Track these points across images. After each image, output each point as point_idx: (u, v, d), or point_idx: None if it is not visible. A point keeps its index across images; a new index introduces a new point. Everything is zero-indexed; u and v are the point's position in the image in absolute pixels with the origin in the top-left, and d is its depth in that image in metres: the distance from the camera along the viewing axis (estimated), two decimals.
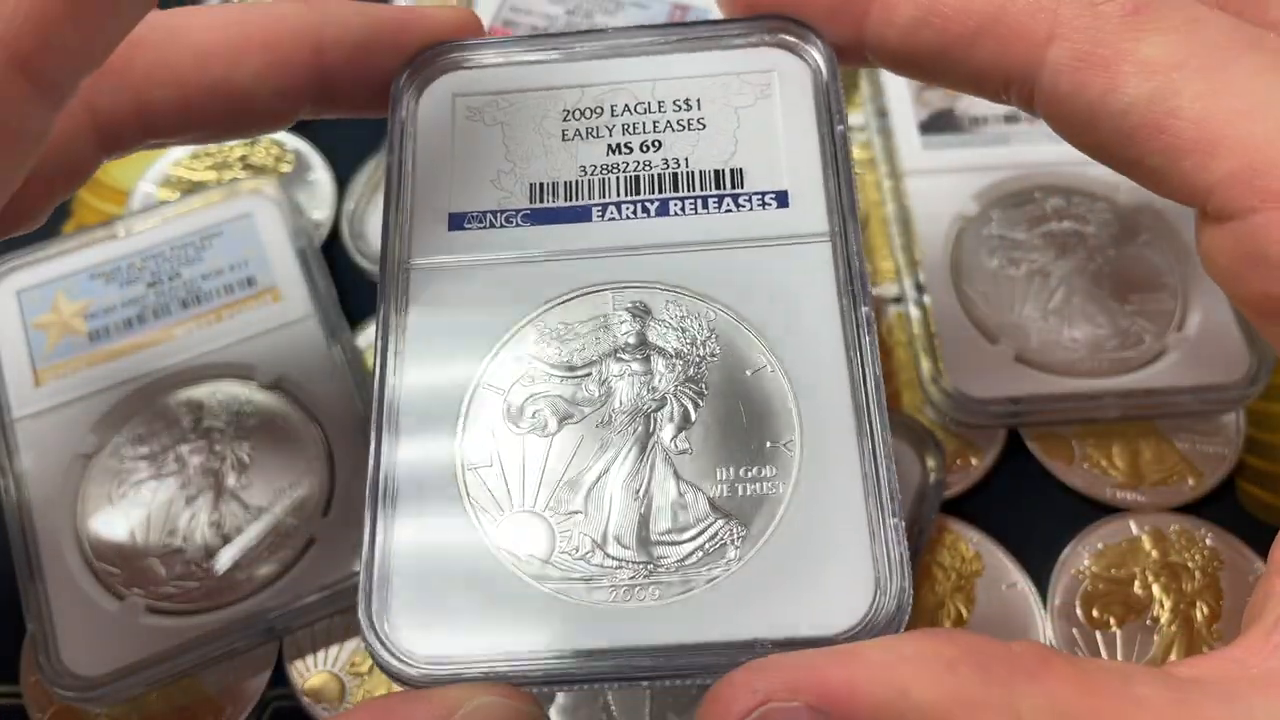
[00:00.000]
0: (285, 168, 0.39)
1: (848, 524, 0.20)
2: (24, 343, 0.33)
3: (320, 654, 0.31)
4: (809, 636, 0.19)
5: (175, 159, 0.39)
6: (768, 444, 0.21)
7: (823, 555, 0.20)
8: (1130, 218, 0.36)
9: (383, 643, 0.19)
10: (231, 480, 0.32)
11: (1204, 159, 0.20)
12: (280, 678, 0.31)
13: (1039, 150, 0.37)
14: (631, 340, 0.22)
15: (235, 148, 0.40)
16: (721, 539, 0.20)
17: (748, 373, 0.21)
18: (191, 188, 0.39)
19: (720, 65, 0.24)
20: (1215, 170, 0.20)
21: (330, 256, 0.37)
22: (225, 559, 0.30)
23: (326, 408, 0.33)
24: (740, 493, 0.20)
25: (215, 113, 0.25)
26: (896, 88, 0.38)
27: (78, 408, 0.32)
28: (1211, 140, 0.20)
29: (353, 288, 0.36)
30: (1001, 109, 0.38)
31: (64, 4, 0.18)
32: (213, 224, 0.35)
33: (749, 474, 0.21)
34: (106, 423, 0.32)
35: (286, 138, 0.40)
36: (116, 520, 0.31)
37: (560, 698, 0.29)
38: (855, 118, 0.40)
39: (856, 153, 0.39)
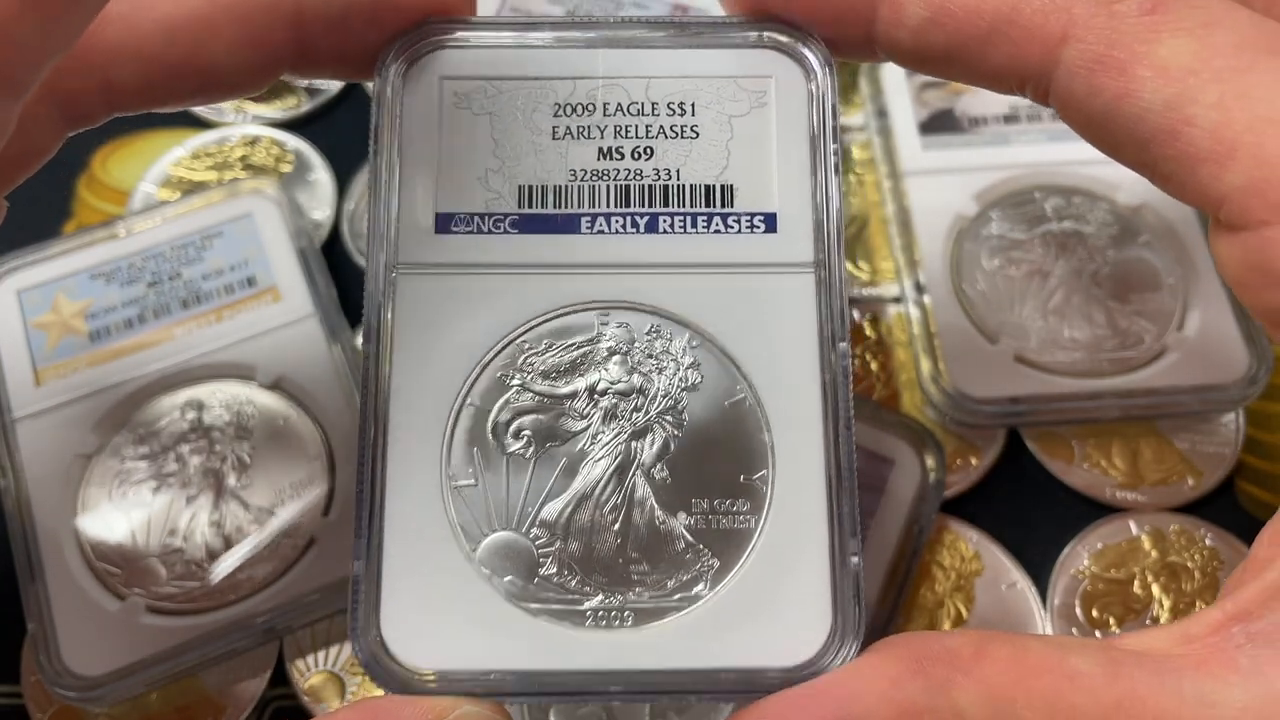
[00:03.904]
0: (285, 168, 0.39)
1: (811, 562, 0.21)
2: (24, 343, 0.33)
3: (320, 654, 0.31)
4: (769, 667, 0.20)
5: (175, 159, 0.39)
6: (741, 477, 0.21)
7: (787, 590, 0.21)
8: (1130, 218, 0.36)
9: (372, 650, 0.20)
10: (232, 480, 0.32)
11: (1218, 168, 0.20)
12: (280, 678, 0.31)
13: (1039, 150, 0.37)
14: (615, 365, 0.22)
15: (235, 147, 0.40)
16: (695, 571, 0.21)
17: (726, 403, 0.22)
18: (192, 188, 0.39)
19: (717, 66, 0.23)
20: (1229, 180, 0.20)
21: (330, 256, 0.37)
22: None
23: (326, 408, 0.33)
24: (714, 525, 0.21)
25: (185, 87, 0.24)
26: (896, 88, 0.38)
27: (78, 408, 0.32)
28: (1227, 149, 0.20)
29: (353, 288, 0.36)
30: (1001, 109, 0.38)
31: (19, 2, 0.17)
32: (213, 224, 0.35)
33: (723, 506, 0.21)
34: (106, 423, 0.32)
35: (287, 138, 0.40)
36: (117, 520, 0.31)
37: None
38: (855, 118, 0.40)
39: (856, 153, 0.39)
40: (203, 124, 0.40)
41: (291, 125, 0.40)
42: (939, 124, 0.38)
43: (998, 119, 0.38)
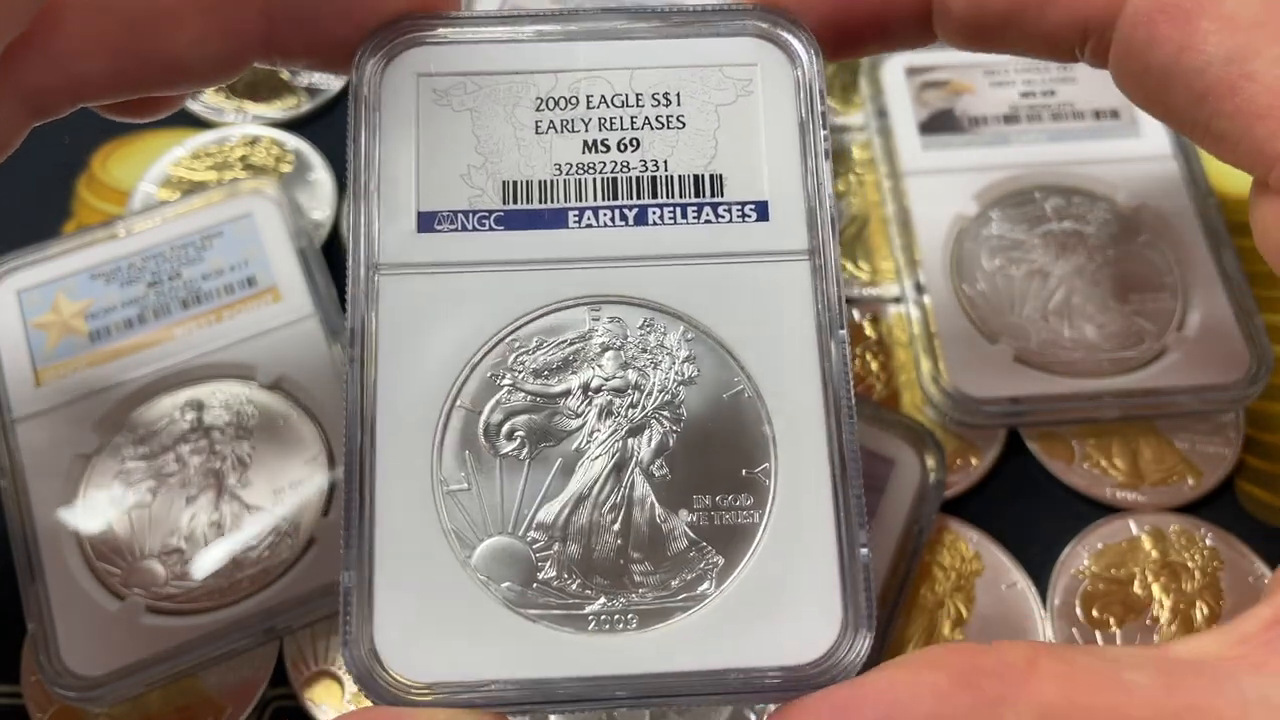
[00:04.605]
0: (285, 168, 0.39)
1: (819, 556, 0.20)
2: (24, 343, 0.33)
3: (320, 654, 0.31)
4: (780, 666, 0.19)
5: (175, 159, 0.39)
6: (743, 471, 0.21)
7: (794, 587, 0.20)
8: (1130, 218, 0.36)
9: (365, 662, 0.19)
10: (232, 480, 0.32)
11: (1275, 125, 0.19)
12: (280, 678, 0.31)
13: (1039, 150, 0.37)
14: (609, 362, 0.21)
15: (235, 147, 0.40)
16: (699, 570, 0.20)
17: (725, 396, 0.21)
18: (192, 188, 0.39)
19: (700, 55, 0.23)
20: None
21: (330, 256, 0.37)
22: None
23: (326, 408, 0.33)
24: (717, 521, 0.20)
25: (152, 78, 0.23)
26: (896, 87, 0.38)
27: (78, 408, 0.32)
28: None
29: None
30: (1001, 109, 0.38)
31: None
32: (213, 224, 0.35)
33: (726, 502, 0.21)
34: (106, 423, 0.32)
35: (287, 137, 0.40)
36: (117, 520, 0.31)
37: None
38: (855, 118, 0.40)
39: (856, 153, 0.39)
40: (203, 124, 0.40)
41: (291, 125, 0.40)
42: (939, 124, 0.38)
43: (998, 119, 0.37)
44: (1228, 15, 0.20)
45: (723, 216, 0.22)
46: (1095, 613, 0.31)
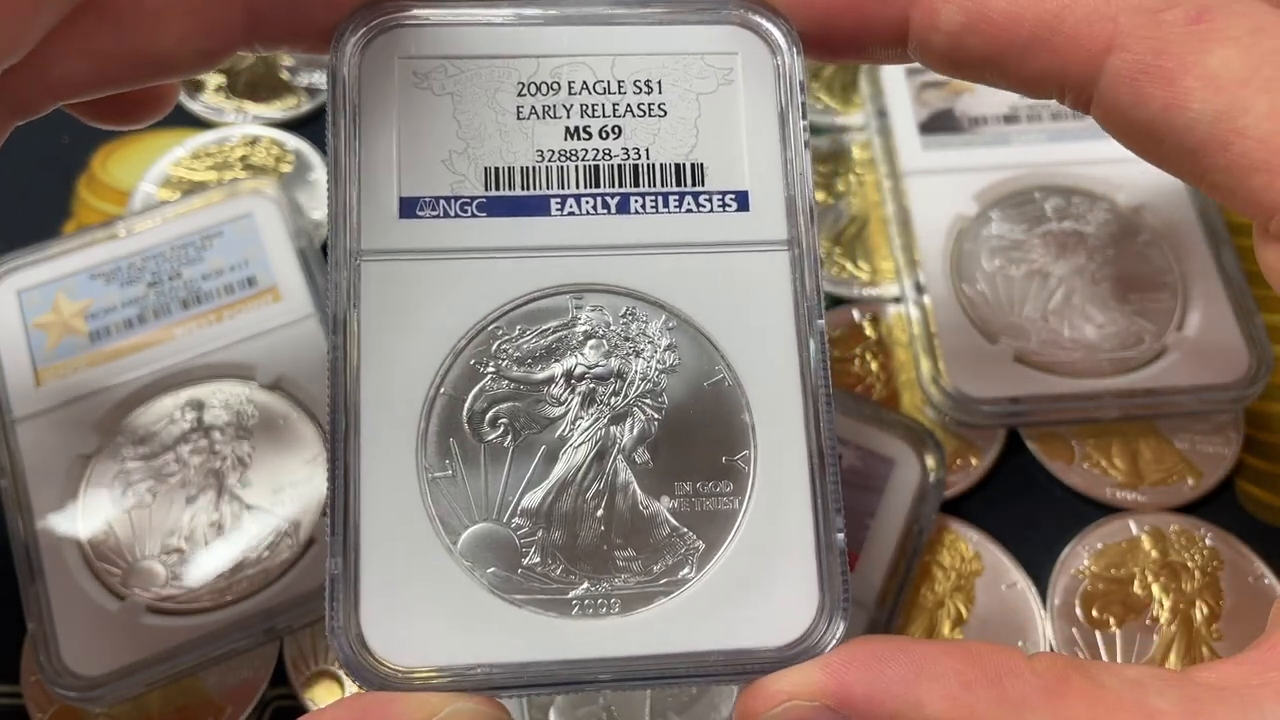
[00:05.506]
0: (285, 168, 0.39)
1: (796, 541, 0.21)
2: (25, 343, 0.33)
3: (320, 654, 0.31)
4: (759, 648, 0.20)
5: (175, 159, 0.39)
6: (723, 458, 0.21)
7: (773, 571, 0.20)
8: (1130, 218, 0.36)
9: (352, 648, 0.19)
10: (232, 480, 0.32)
11: (1270, 177, 0.20)
12: (280, 678, 0.31)
13: (1039, 150, 0.37)
14: (592, 349, 0.22)
15: (235, 147, 0.40)
16: (680, 555, 0.21)
17: (705, 384, 0.21)
18: (192, 188, 0.39)
19: (682, 43, 0.23)
20: None
21: None
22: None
23: (326, 408, 0.32)
24: (698, 507, 0.21)
25: (134, 76, 0.23)
26: (896, 88, 0.38)
27: (78, 408, 0.32)
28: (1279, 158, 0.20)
29: None
30: (1001, 109, 0.38)
31: None
32: (213, 224, 0.35)
33: (706, 488, 0.21)
34: (107, 423, 0.32)
35: (287, 137, 0.40)
36: (117, 520, 0.31)
37: (559, 699, 0.29)
38: (855, 118, 0.40)
39: (856, 153, 0.39)
40: (203, 124, 0.40)
41: (291, 125, 0.40)
42: (939, 124, 0.38)
43: (998, 119, 0.38)
44: (1211, 74, 0.20)
45: (703, 206, 0.22)
46: (1095, 613, 0.31)
